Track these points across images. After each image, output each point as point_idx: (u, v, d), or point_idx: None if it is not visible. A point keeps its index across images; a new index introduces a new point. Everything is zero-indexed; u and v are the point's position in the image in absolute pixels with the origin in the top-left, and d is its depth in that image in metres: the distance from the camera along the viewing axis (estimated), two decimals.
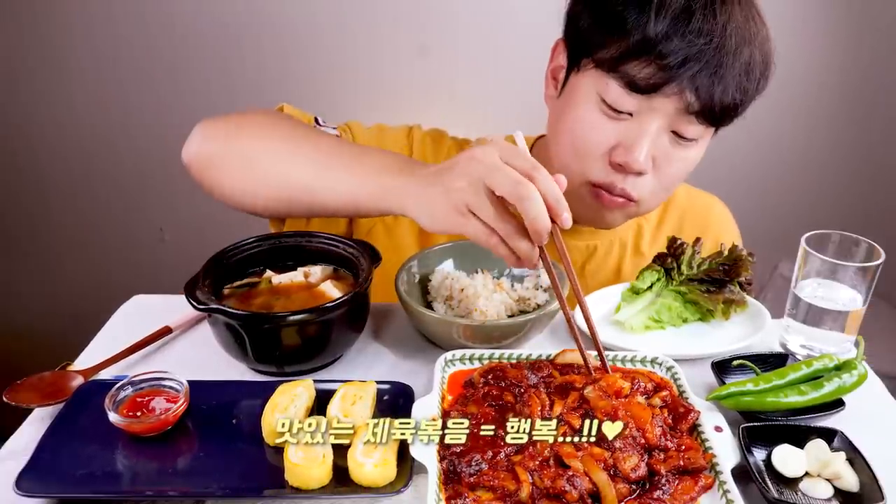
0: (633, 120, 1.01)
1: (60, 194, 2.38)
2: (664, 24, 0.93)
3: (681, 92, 0.97)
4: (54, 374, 0.90)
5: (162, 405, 0.81)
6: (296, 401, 0.82)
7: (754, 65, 0.99)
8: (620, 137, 1.02)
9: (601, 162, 1.05)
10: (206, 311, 0.87)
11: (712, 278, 1.07)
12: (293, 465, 0.73)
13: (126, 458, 0.78)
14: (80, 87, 2.21)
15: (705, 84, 0.96)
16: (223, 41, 2.17)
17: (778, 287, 2.22)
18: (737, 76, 0.97)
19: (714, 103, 0.97)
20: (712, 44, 0.94)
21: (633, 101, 0.99)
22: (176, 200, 2.36)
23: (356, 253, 0.99)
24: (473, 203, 0.79)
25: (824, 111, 2.41)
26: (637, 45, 0.95)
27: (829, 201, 2.52)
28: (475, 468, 0.74)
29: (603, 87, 1.00)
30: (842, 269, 0.94)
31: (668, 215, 1.30)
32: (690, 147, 1.04)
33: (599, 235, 1.24)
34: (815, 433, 0.80)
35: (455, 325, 0.94)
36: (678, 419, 0.81)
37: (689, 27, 0.93)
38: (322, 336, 0.91)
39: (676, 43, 0.93)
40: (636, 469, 0.74)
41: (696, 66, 0.94)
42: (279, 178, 0.98)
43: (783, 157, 2.47)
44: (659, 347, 0.98)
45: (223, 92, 2.22)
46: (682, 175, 1.09)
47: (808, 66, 2.30)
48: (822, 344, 0.97)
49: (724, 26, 0.95)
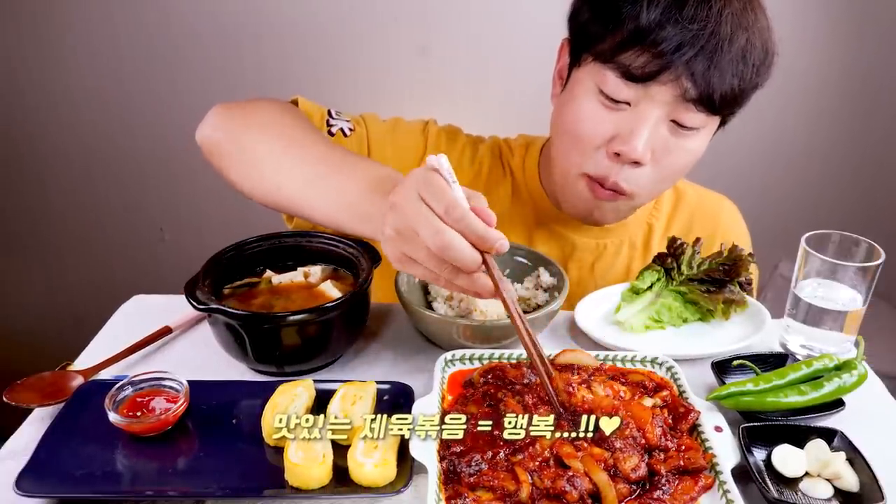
0: (631, 110, 1.01)
1: (61, 193, 2.38)
2: (657, 13, 0.94)
3: (677, 79, 0.97)
4: (54, 374, 0.90)
5: (162, 405, 0.81)
6: (296, 401, 0.82)
7: (751, 50, 0.98)
8: (619, 128, 1.02)
9: (599, 154, 1.05)
10: (207, 311, 0.87)
11: (712, 278, 1.07)
12: (293, 465, 0.73)
13: (126, 458, 0.78)
14: (81, 85, 2.21)
15: (701, 70, 0.96)
16: (224, 41, 2.17)
17: (778, 287, 2.22)
18: (733, 62, 0.97)
19: (712, 90, 0.97)
20: (706, 29, 0.94)
21: (631, 91, 0.99)
22: (176, 200, 2.36)
23: (356, 253, 0.99)
24: (409, 251, 0.78)
25: (825, 110, 2.41)
26: (631, 34, 0.96)
27: (829, 201, 2.51)
28: (475, 468, 0.74)
29: (601, 79, 1.01)
30: (842, 269, 0.94)
31: (678, 215, 1.30)
32: (691, 137, 1.04)
33: (609, 234, 1.24)
34: (815, 433, 0.80)
35: (455, 324, 0.94)
36: (678, 419, 0.81)
37: (682, 14, 0.94)
38: (322, 336, 0.91)
39: (669, 30, 0.94)
40: (636, 469, 0.74)
41: (690, 51, 0.94)
42: (272, 184, 0.99)
43: (783, 156, 2.47)
44: (659, 347, 0.98)
45: (224, 91, 2.21)
46: (682, 166, 1.08)
47: (809, 64, 2.30)
48: (822, 344, 0.97)
49: (718, 12, 0.95)
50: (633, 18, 0.95)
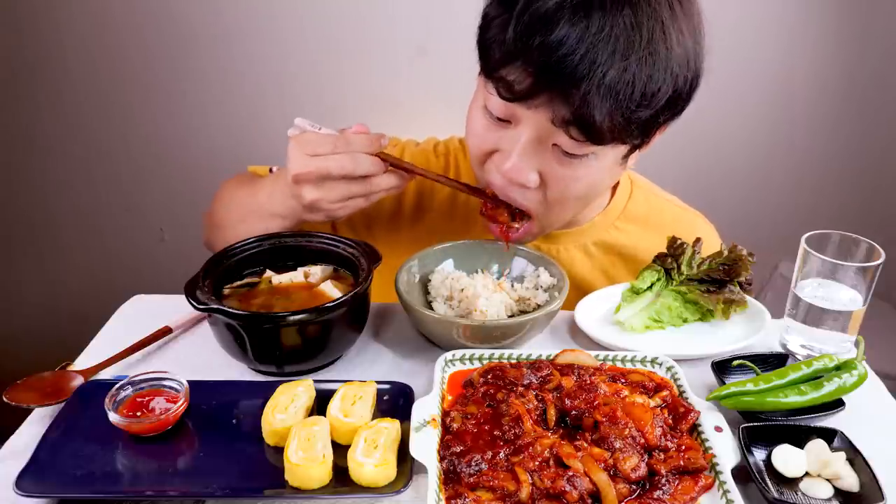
0: (511, 129, 0.99)
1: (60, 193, 2.38)
2: (524, 32, 0.88)
3: (549, 102, 0.91)
4: (54, 374, 0.90)
5: (162, 405, 0.81)
6: (296, 401, 0.82)
7: (631, 82, 0.88)
8: (499, 145, 1.01)
9: (493, 170, 1.04)
10: (207, 311, 0.87)
11: (712, 278, 1.07)
12: (293, 465, 0.73)
13: (126, 458, 0.78)
14: (81, 86, 2.21)
15: (573, 96, 0.88)
16: (223, 40, 2.17)
17: (778, 287, 2.22)
18: (608, 92, 0.88)
19: (587, 117, 0.89)
20: (576, 54, 0.86)
21: (508, 109, 0.96)
22: (176, 200, 2.36)
23: (356, 253, 0.99)
24: (331, 195, 0.98)
25: (825, 111, 2.41)
26: (508, 51, 0.91)
27: (829, 201, 2.52)
28: (475, 468, 0.74)
29: (486, 94, 0.99)
30: (842, 269, 0.94)
31: (650, 231, 1.24)
32: (577, 164, 0.98)
33: (558, 240, 1.21)
34: (815, 433, 0.80)
35: (455, 324, 0.94)
36: (678, 419, 0.82)
37: (550, 36, 0.87)
38: (322, 336, 0.91)
39: (539, 53, 0.88)
40: (636, 469, 0.74)
41: (557, 77, 0.88)
42: (229, 238, 1.10)
43: (784, 157, 2.47)
44: (659, 347, 0.98)
45: (222, 92, 2.22)
46: (572, 193, 1.02)
47: (810, 66, 2.30)
48: (822, 344, 0.97)
49: (595, 35, 0.86)
50: (513, 34, 0.90)
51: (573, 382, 0.85)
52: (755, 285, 1.11)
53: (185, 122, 2.25)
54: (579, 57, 0.86)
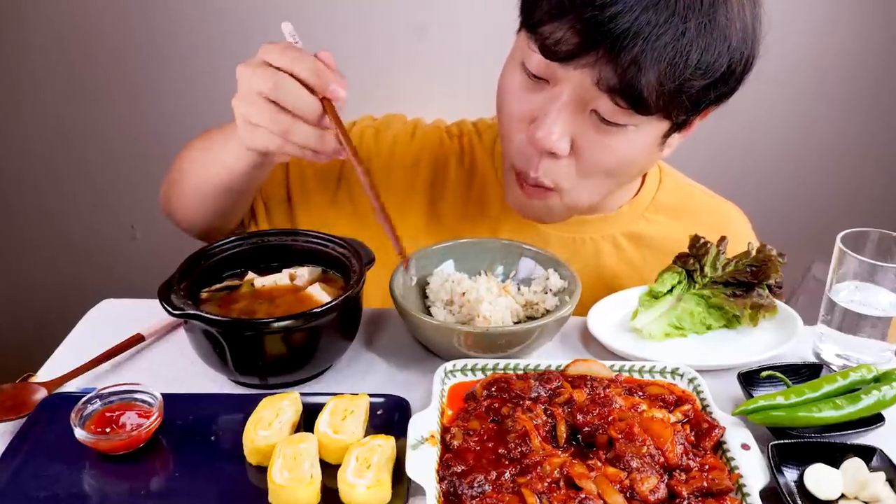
0: (549, 90, 1.00)
1: (21, 189, 2.38)
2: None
3: (595, 63, 0.92)
4: (15, 386, 0.90)
5: (133, 420, 0.81)
6: (281, 416, 0.82)
7: (687, 48, 0.90)
8: (536, 109, 1.01)
9: (522, 141, 1.04)
10: (182, 317, 0.87)
11: (739, 281, 1.07)
12: (278, 487, 0.73)
13: (94, 478, 0.78)
14: (44, 75, 2.21)
15: (622, 59, 0.90)
16: (201, 25, 2.17)
17: (811, 290, 2.22)
18: (665, 55, 0.90)
19: (634, 84, 0.91)
20: (630, 14, 0.88)
21: (548, 68, 0.97)
22: (148, 195, 2.34)
23: (347, 253, 1.00)
24: (251, 114, 0.89)
25: (860, 98, 2.41)
26: (556, 4, 0.92)
27: (866, 196, 2.51)
28: (478, 490, 0.74)
29: (526, 52, 0.99)
30: (881, 270, 0.94)
31: (682, 221, 1.25)
32: (614, 134, 0.99)
33: (586, 228, 1.22)
34: (851, 451, 0.80)
35: (456, 332, 0.94)
36: (701, 436, 0.82)
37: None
38: (309, 345, 0.91)
39: (590, 9, 0.90)
40: (655, 491, 0.74)
41: (608, 36, 0.90)
42: (192, 186, 1.12)
43: (816, 147, 2.47)
44: (680, 357, 0.98)
45: (202, 73, 2.21)
46: (604, 165, 1.03)
47: (842, 53, 2.30)
48: (860, 353, 0.97)
49: (663, 3, 0.89)
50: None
51: (585, 396, 0.86)
52: (786, 289, 1.11)
53: (157, 111, 2.25)
54: (635, 16, 0.88)
